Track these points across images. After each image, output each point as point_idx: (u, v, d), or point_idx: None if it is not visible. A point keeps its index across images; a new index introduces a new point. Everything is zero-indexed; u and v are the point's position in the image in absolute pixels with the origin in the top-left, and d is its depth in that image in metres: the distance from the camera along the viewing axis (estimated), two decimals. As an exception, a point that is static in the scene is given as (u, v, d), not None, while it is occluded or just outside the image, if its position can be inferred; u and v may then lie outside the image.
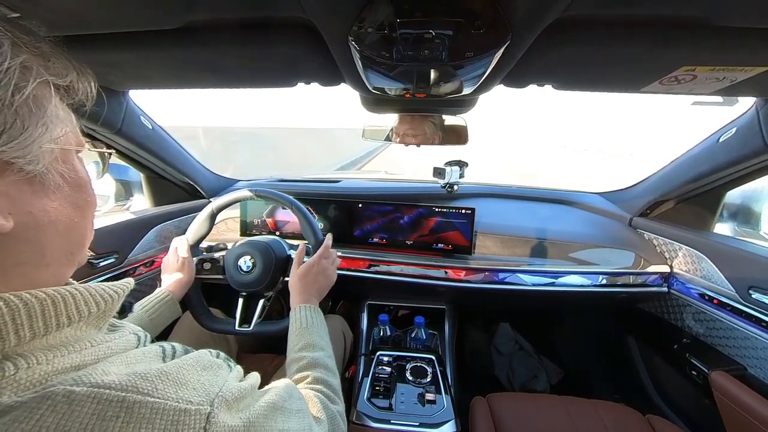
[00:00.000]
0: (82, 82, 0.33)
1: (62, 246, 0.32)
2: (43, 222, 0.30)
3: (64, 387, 0.25)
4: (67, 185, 0.32)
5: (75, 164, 0.34)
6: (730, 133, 0.91)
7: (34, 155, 0.28)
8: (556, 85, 0.75)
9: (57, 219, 0.31)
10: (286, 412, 0.40)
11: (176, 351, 0.38)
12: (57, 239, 0.32)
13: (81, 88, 0.33)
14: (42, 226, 0.30)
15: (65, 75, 0.31)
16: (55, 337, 0.29)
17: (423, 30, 0.49)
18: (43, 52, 0.29)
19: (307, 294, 0.76)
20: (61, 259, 0.33)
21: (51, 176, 0.30)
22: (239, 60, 0.70)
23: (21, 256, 0.29)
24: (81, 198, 0.34)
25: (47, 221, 0.30)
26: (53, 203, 0.31)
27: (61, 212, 0.32)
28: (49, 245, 0.31)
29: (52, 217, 0.31)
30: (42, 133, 0.29)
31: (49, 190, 0.30)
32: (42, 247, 0.30)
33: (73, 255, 0.35)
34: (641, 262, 1.15)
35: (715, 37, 0.53)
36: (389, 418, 0.89)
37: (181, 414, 0.29)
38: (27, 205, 0.29)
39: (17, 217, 0.28)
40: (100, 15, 0.53)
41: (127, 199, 1.29)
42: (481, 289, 1.15)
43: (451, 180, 1.28)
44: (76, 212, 0.33)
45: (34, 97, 0.28)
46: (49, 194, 0.31)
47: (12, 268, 0.29)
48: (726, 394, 0.86)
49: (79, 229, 0.34)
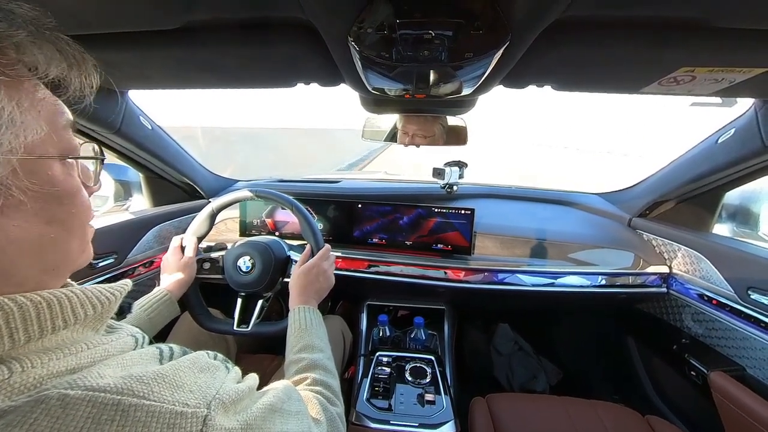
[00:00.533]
0: (75, 73, 0.30)
1: (33, 265, 0.30)
2: (1, 243, 0.27)
3: (59, 390, 0.25)
4: (32, 201, 0.28)
5: (53, 174, 0.30)
6: (729, 134, 0.91)
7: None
8: (555, 85, 0.75)
9: (21, 238, 0.28)
10: (285, 413, 0.40)
11: (174, 352, 0.37)
12: (24, 259, 0.29)
13: (75, 80, 0.30)
14: (0, 247, 0.27)
15: (47, 68, 0.28)
16: (51, 340, 0.29)
17: (422, 30, 0.49)
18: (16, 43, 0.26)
19: (306, 295, 0.76)
20: (38, 276, 0.30)
21: (10, 192, 0.27)
22: (239, 60, 0.70)
23: None
24: (61, 211, 0.31)
25: (6, 242, 0.27)
26: (13, 222, 0.27)
27: (26, 231, 0.28)
28: (14, 266, 0.28)
29: (12, 236, 0.27)
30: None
31: (9, 208, 0.27)
32: (4, 270, 0.28)
33: (56, 270, 0.32)
34: (640, 262, 1.16)
35: (714, 39, 0.53)
36: (389, 418, 0.89)
37: (177, 417, 0.28)
38: None
39: None
40: (99, 15, 0.53)
41: (126, 199, 1.29)
42: (480, 290, 1.15)
43: (450, 180, 1.28)
44: (51, 228, 0.30)
45: None
46: (7, 212, 0.27)
47: None
48: (725, 395, 0.86)
49: (58, 244, 0.31)
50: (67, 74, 0.29)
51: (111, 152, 1.07)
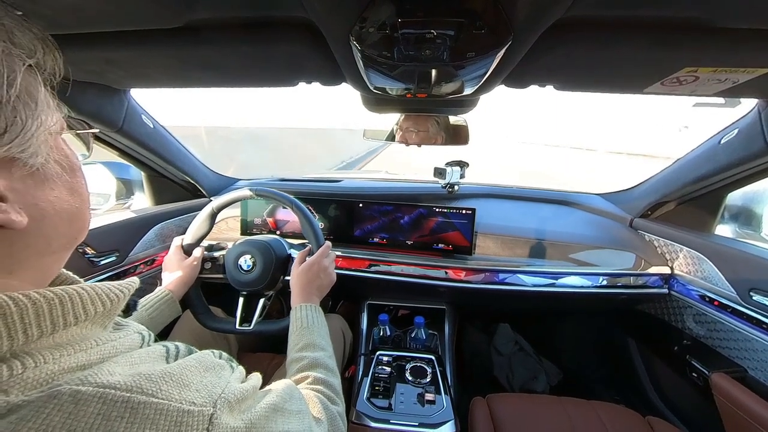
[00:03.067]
0: (48, 55, 0.30)
1: (66, 233, 0.33)
2: (50, 213, 0.30)
3: (71, 387, 0.26)
4: (64, 172, 0.32)
5: (65, 150, 0.33)
6: (732, 134, 0.91)
7: (34, 148, 0.28)
8: (557, 85, 0.75)
9: (61, 208, 0.31)
10: (287, 413, 0.40)
11: (180, 351, 0.38)
12: (62, 227, 0.32)
13: (48, 61, 0.30)
14: (49, 216, 0.30)
15: (34, 51, 0.29)
16: (62, 335, 0.29)
17: (424, 30, 0.49)
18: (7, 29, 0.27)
19: (307, 293, 0.76)
20: (65, 246, 0.33)
21: (50, 166, 0.30)
22: (240, 59, 0.70)
23: (30, 249, 0.29)
24: (77, 182, 0.34)
25: (53, 211, 0.30)
26: (55, 192, 0.31)
27: (63, 200, 0.32)
28: (55, 234, 0.31)
29: (56, 206, 0.31)
30: (39, 125, 0.28)
31: (51, 180, 0.30)
32: (49, 238, 0.31)
33: (76, 240, 0.35)
34: (642, 263, 1.15)
35: (717, 39, 0.53)
36: (389, 417, 0.89)
37: (184, 415, 0.29)
38: (33, 198, 0.29)
39: (27, 212, 0.28)
40: (101, 13, 0.53)
41: (127, 197, 1.30)
42: (481, 290, 1.14)
43: (451, 180, 1.28)
44: (75, 198, 0.33)
45: (25, 89, 0.27)
46: (51, 184, 0.31)
47: (23, 261, 0.29)
48: (726, 396, 0.86)
49: (81, 213, 0.34)
50: (42, 56, 0.30)
51: (113, 150, 1.08)
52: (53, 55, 0.31)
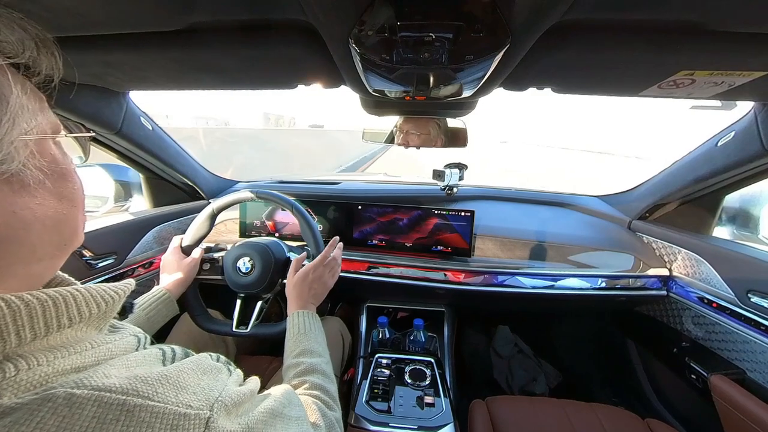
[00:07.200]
0: (44, 53, 0.29)
1: (52, 240, 0.31)
2: (29, 220, 0.29)
3: (65, 389, 0.25)
4: (48, 179, 0.30)
5: (54, 154, 0.32)
6: (729, 136, 0.91)
7: (5, 154, 0.26)
8: (555, 88, 0.75)
9: (44, 215, 0.30)
10: (286, 418, 0.40)
11: (176, 354, 0.37)
12: (46, 235, 0.30)
13: (44, 61, 0.29)
14: (29, 224, 0.29)
15: (22, 50, 0.28)
16: (56, 338, 0.29)
17: (423, 33, 0.49)
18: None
19: (303, 300, 0.76)
20: (53, 252, 0.32)
21: (29, 172, 0.28)
22: (240, 62, 0.70)
23: (11, 257, 0.28)
24: (67, 188, 0.32)
25: (33, 219, 0.29)
26: (37, 200, 0.29)
27: (48, 207, 0.30)
28: (39, 241, 0.30)
29: (38, 213, 0.29)
30: (9, 129, 0.26)
31: (30, 187, 0.29)
32: (33, 246, 0.29)
33: (67, 246, 0.33)
34: (640, 265, 1.15)
35: (714, 42, 0.53)
36: (388, 421, 0.88)
37: (180, 418, 0.28)
38: (9, 205, 0.27)
39: (1, 219, 0.27)
40: (101, 16, 0.53)
41: (126, 199, 1.29)
42: (480, 292, 1.14)
43: (450, 182, 1.28)
44: (63, 204, 0.32)
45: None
46: (31, 191, 0.29)
47: (4, 269, 0.28)
48: (725, 398, 0.86)
49: (70, 220, 0.33)
50: (37, 56, 0.29)
51: (111, 153, 1.07)
52: (51, 56, 0.30)
